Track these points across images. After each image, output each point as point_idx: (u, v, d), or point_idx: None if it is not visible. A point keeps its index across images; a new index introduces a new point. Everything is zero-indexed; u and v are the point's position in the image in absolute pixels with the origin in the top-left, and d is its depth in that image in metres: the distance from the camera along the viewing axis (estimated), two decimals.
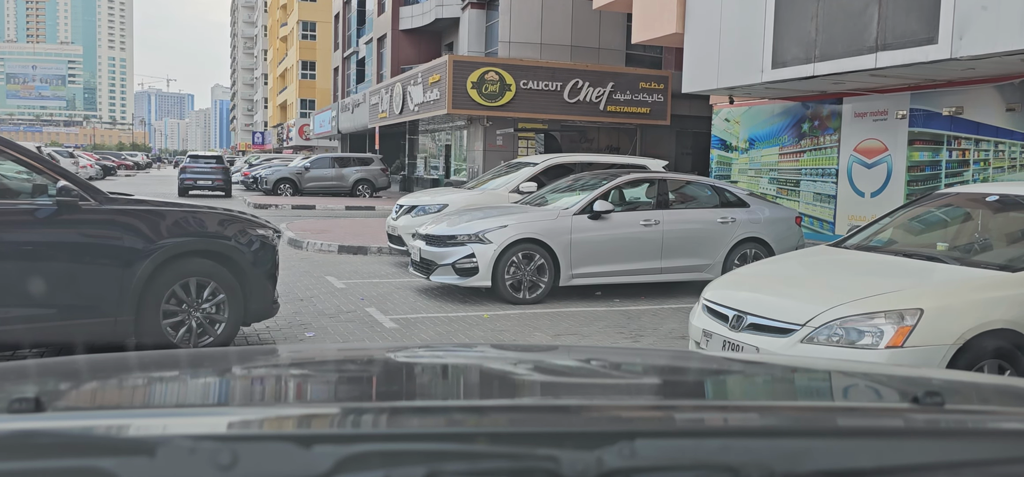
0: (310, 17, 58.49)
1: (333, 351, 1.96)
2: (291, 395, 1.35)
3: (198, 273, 5.43)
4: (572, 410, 1.08)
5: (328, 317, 7.28)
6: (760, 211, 9.23)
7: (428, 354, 1.73)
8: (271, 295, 5.86)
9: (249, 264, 5.63)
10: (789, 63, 11.46)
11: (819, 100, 13.48)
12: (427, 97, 23.25)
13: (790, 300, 4.26)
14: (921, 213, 5.56)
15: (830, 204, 13.24)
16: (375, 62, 34.84)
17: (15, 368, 1.29)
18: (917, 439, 0.99)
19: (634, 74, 23.49)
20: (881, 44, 10.05)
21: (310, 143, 51.00)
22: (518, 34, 24.86)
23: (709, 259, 8.82)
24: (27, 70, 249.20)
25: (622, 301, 8.43)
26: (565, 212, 8.31)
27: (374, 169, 27.92)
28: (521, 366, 1.56)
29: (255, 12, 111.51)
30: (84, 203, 4.92)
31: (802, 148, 13.88)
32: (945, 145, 11.33)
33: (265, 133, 75.67)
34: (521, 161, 12.49)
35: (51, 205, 4.82)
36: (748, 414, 1.12)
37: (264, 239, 5.83)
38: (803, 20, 11.20)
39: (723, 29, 12.86)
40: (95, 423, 0.94)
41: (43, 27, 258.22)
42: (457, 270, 7.99)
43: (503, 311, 7.79)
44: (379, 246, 11.94)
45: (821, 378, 1.51)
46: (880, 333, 3.79)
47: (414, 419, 0.99)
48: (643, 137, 24.36)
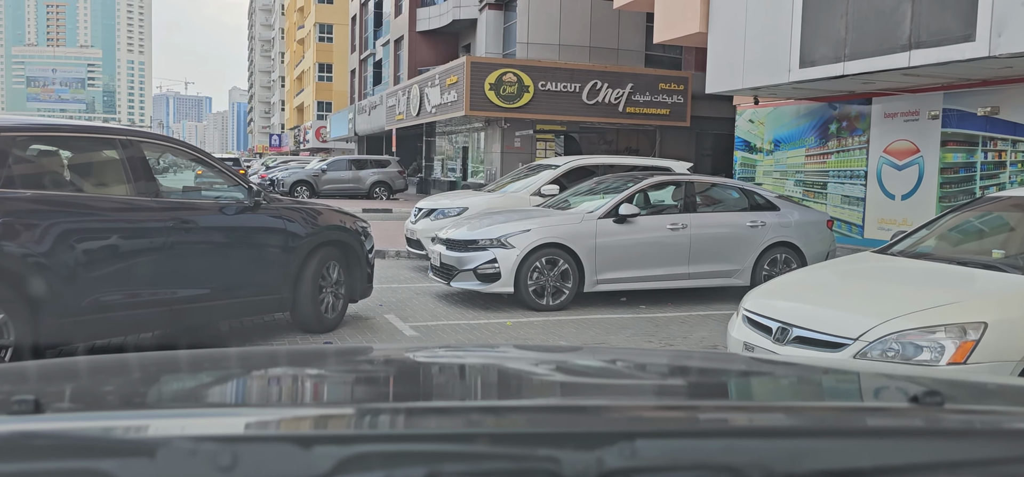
0: (327, 19, 58.55)
1: (332, 352, 1.94)
2: (291, 396, 1.35)
3: (331, 258, 6.54)
4: (572, 410, 1.09)
5: (346, 324, 7.07)
6: (790, 214, 8.93)
7: (428, 355, 1.72)
8: (370, 278, 7.02)
9: (362, 250, 6.81)
10: (818, 62, 11.15)
11: (847, 100, 13.15)
12: (444, 99, 23.07)
13: (840, 311, 3.99)
14: (971, 218, 5.26)
15: (859, 207, 12.90)
16: (392, 64, 34.72)
17: (14, 369, 1.28)
18: (917, 439, 0.98)
19: (653, 75, 23.21)
20: (915, 42, 9.72)
21: (327, 145, 51.01)
22: (536, 35, 24.62)
23: (738, 264, 8.53)
24: (47, 73, 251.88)
25: (648, 308, 8.16)
26: (590, 216, 8.06)
27: (391, 171, 27.77)
28: (521, 366, 1.55)
29: (272, 15, 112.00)
30: (263, 203, 6.03)
31: (829, 149, 13.54)
32: (980, 146, 10.97)
33: (282, 135, 75.84)
34: (542, 163, 12.24)
35: (248, 203, 5.92)
36: (748, 414, 1.12)
37: (366, 230, 7.06)
38: (832, 18, 10.89)
39: (748, 28, 12.56)
40: (94, 424, 0.94)
41: (63, 31, 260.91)
42: (479, 276, 7.76)
43: (526, 318, 7.55)
44: (397, 250, 11.74)
45: (821, 378, 1.50)
46: (941, 349, 3.52)
47: (414, 419, 0.99)
48: (662, 139, 24.04)
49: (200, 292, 5.57)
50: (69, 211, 4.88)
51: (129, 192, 5.20)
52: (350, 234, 6.72)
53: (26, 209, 4.62)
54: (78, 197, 5.12)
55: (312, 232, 6.34)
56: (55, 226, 4.72)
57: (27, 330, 4.50)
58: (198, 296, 5.56)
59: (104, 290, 4.97)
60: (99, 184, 5.40)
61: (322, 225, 6.47)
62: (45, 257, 4.64)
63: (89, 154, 5.49)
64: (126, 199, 5.19)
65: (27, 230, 4.59)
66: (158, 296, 5.31)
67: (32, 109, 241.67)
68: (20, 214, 4.57)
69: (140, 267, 5.20)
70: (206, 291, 5.61)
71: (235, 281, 5.82)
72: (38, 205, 4.71)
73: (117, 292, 5.06)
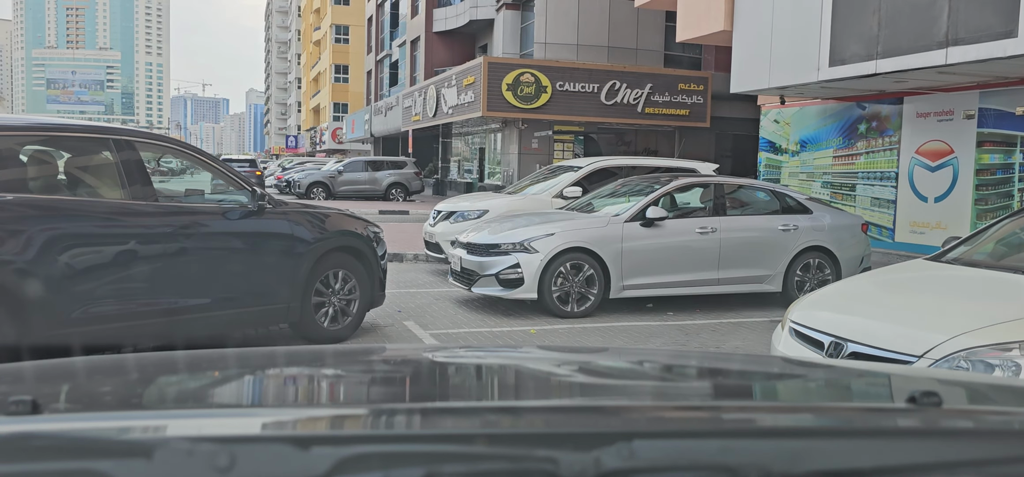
0: (343, 21, 58.53)
1: (331, 352, 1.92)
2: (289, 397, 1.34)
3: (342, 265, 6.19)
4: (570, 410, 1.09)
5: (364, 331, 6.82)
6: (823, 217, 8.60)
7: (428, 356, 1.71)
8: (382, 285, 6.62)
9: (374, 256, 6.44)
10: (849, 60, 10.80)
11: (877, 99, 12.77)
12: (461, 99, 22.83)
13: (900, 326, 3.68)
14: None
15: (889, 209, 12.52)
16: (408, 65, 34.53)
17: (11, 370, 1.28)
18: (915, 439, 0.98)
19: (673, 75, 22.86)
20: (952, 39, 9.36)
21: (343, 147, 50.95)
22: (554, 35, 24.33)
23: (770, 270, 8.21)
24: (67, 75, 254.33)
25: (676, 315, 7.87)
26: (615, 219, 7.77)
27: (407, 173, 27.57)
28: (521, 367, 1.54)
29: (289, 17, 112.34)
30: (268, 207, 5.69)
31: (858, 150, 13.17)
32: (1018, 147, 10.57)
33: (298, 137, 75.98)
34: (562, 165, 11.95)
35: (252, 208, 5.61)
36: (746, 414, 1.12)
37: (378, 235, 6.65)
38: (864, 14, 10.54)
39: (775, 25, 12.21)
40: (92, 425, 0.93)
41: (82, 34, 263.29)
42: (501, 281, 7.48)
43: (550, 325, 7.28)
44: (415, 253, 11.50)
45: (820, 378, 1.49)
46: (1017, 368, 3.22)
47: (413, 420, 0.99)
48: (681, 140, 23.68)
49: (200, 302, 5.28)
50: (58, 216, 4.62)
51: (124, 196, 4.92)
52: (361, 239, 6.38)
53: (10, 214, 4.38)
54: (68, 201, 4.84)
55: (320, 237, 6.03)
56: (42, 232, 4.47)
57: (12, 342, 4.29)
58: (198, 306, 5.27)
59: (96, 300, 4.71)
60: (91, 187, 5.12)
61: (331, 230, 6.16)
62: (31, 266, 4.39)
63: (81, 156, 5.19)
64: (120, 203, 4.92)
65: (11, 237, 4.34)
66: (155, 306, 5.03)
67: (52, 111, 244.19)
68: (3, 220, 4.34)
69: (135, 276, 4.93)
70: (207, 301, 5.32)
71: (237, 290, 5.52)
72: (24, 209, 4.46)
73: (110, 302, 4.79)
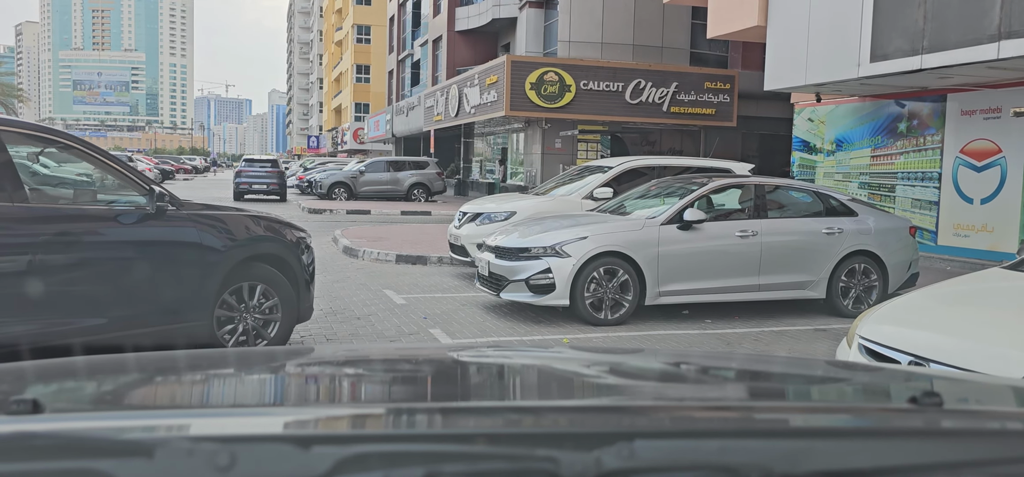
0: (365, 21, 58.48)
1: (331, 352, 1.87)
2: (290, 396, 1.33)
3: (260, 277, 5.46)
4: (571, 410, 1.08)
5: (388, 339, 6.52)
6: (868, 219, 8.16)
7: (428, 356, 1.68)
8: (311, 298, 5.88)
9: (300, 265, 5.69)
10: (891, 55, 10.35)
11: (918, 96, 12.27)
12: (484, 99, 22.51)
13: (989, 345, 3.30)
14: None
15: (932, 211, 12.02)
16: (430, 64, 34.28)
17: (13, 370, 1.27)
18: (916, 439, 0.96)
19: (699, 74, 22.39)
20: (1004, 31, 8.89)
21: (364, 147, 50.84)
22: (578, 33, 23.94)
23: (813, 275, 7.80)
24: (93, 77, 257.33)
25: (714, 322, 7.48)
26: (651, 222, 7.39)
27: (429, 173, 27.28)
28: (521, 367, 1.53)
29: (310, 18, 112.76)
30: (169, 210, 4.97)
31: (898, 150, 12.67)
32: None
33: (320, 137, 76.11)
34: (591, 165, 11.57)
35: (150, 210, 4.87)
36: (747, 414, 1.11)
37: (306, 241, 5.88)
38: (909, 7, 10.08)
39: (812, 20, 11.76)
40: (93, 425, 0.91)
41: (108, 35, 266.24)
42: (531, 287, 7.13)
43: (583, 333, 6.92)
44: (439, 255, 11.18)
45: (820, 378, 1.48)
46: None
47: (413, 420, 0.98)
48: (707, 139, 23.20)
49: (95, 323, 4.59)
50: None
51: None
52: (284, 246, 5.59)
53: None
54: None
55: (234, 244, 5.27)
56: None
57: None
58: (92, 328, 4.57)
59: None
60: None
61: (248, 236, 5.42)
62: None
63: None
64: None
65: None
66: (35, 330, 4.33)
67: (78, 111, 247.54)
68: None
69: (3, 295, 4.23)
70: (102, 321, 4.62)
71: (139, 308, 4.79)
72: None
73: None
